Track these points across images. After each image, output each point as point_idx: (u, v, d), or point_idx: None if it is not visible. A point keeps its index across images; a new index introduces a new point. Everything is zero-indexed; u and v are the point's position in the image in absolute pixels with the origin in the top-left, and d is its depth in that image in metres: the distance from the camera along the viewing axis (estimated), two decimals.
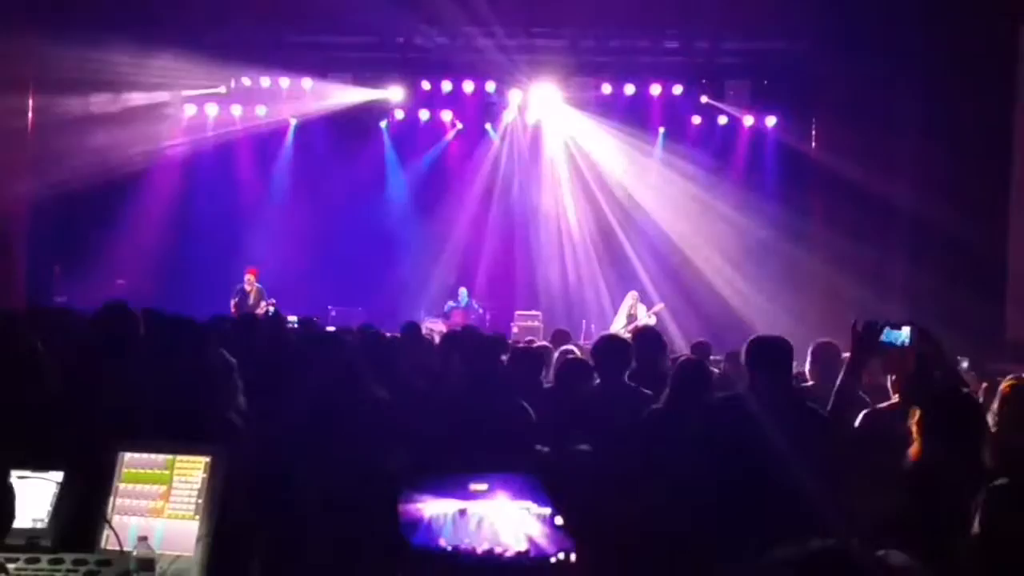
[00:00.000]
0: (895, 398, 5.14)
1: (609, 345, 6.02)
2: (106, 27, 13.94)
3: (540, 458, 4.81)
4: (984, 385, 6.33)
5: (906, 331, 4.67)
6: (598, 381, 5.82)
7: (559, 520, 3.08)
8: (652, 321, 15.08)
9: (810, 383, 6.24)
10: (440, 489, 3.06)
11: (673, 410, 5.21)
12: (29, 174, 14.58)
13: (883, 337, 4.73)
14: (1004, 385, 4.96)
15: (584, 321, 16.37)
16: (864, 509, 4.24)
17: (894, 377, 5.19)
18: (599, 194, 17.98)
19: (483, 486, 3.08)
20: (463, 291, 17.12)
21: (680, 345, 13.10)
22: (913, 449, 4.11)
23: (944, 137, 12.81)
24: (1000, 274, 12.83)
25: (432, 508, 3.02)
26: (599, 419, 5.30)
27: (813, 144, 15.68)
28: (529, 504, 3.09)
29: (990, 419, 4.65)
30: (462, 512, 3.04)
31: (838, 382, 4.79)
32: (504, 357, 6.34)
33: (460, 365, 5.79)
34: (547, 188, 18.35)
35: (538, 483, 3.15)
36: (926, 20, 12.93)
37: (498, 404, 5.20)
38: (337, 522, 4.23)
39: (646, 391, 5.75)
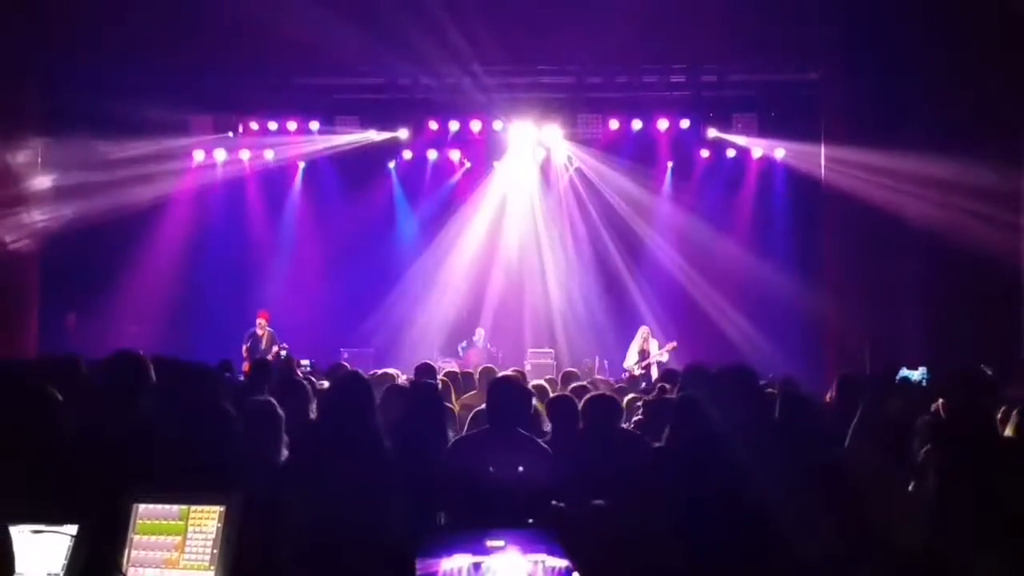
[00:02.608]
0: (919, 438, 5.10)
1: (595, 402, 5.92)
2: (114, 73, 14.04)
3: (556, 513, 4.76)
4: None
5: (922, 370, 4.65)
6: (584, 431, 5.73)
7: (576, 575, 3.04)
8: (664, 359, 15.05)
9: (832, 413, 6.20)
10: (456, 544, 3.03)
11: (675, 448, 5.16)
12: (39, 222, 14.66)
13: (900, 376, 4.72)
14: None
15: (597, 358, 16.34)
16: (887, 540, 4.20)
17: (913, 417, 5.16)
18: (609, 230, 18.00)
19: (499, 542, 3.06)
20: (480, 331, 17.16)
21: None
22: (930, 481, 4.09)
23: (955, 162, 12.78)
24: (1016, 299, 12.75)
25: (447, 564, 2.99)
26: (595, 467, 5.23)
27: (822, 174, 15.66)
28: (544, 557, 3.06)
29: None
30: (476, 566, 3.01)
31: (856, 419, 4.77)
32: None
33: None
34: (556, 225, 18.37)
35: (553, 537, 3.11)
36: (933, 46, 12.94)
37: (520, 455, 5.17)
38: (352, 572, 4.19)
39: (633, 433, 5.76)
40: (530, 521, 4.57)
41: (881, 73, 13.83)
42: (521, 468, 4.95)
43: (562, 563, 3.06)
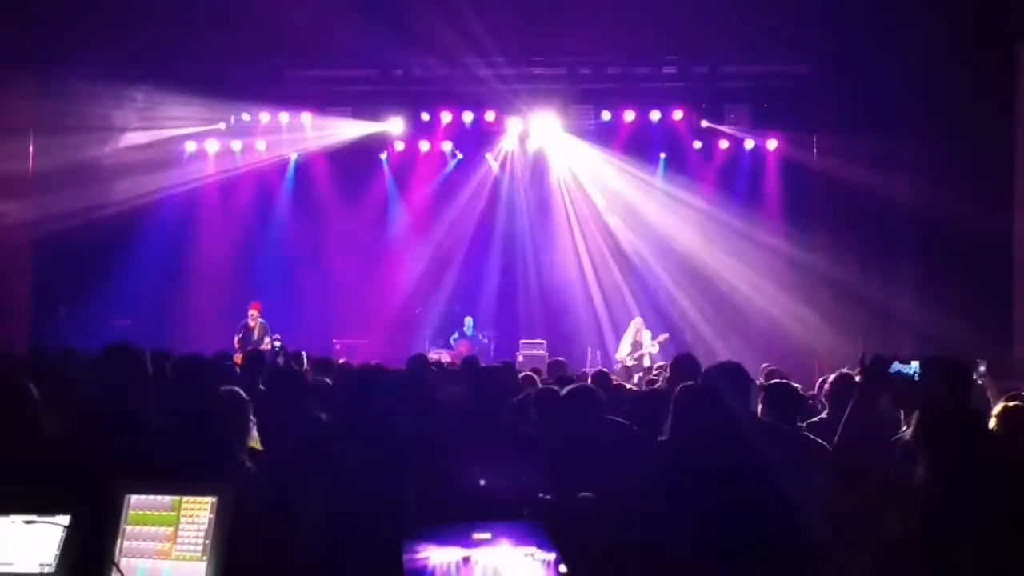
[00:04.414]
0: (908, 432, 5.11)
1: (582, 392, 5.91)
2: (105, 66, 14.02)
3: (543, 505, 4.76)
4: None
5: (915, 365, 4.63)
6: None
7: (563, 568, 3.05)
8: (655, 350, 15.10)
9: (824, 414, 6.23)
10: (443, 537, 3.03)
11: (675, 442, 5.16)
12: (31, 216, 14.63)
13: (892, 370, 4.70)
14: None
15: (589, 348, 16.36)
16: (875, 536, 4.22)
17: (904, 411, 5.17)
18: (601, 221, 18.00)
19: (487, 535, 3.06)
20: (468, 320, 17.15)
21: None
22: (918, 475, 4.10)
23: (946, 153, 12.83)
24: (1008, 291, 12.80)
25: (435, 557, 2.99)
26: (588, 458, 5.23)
27: (815, 165, 15.69)
28: (533, 550, 3.06)
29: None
30: (466, 560, 3.01)
31: (846, 414, 4.80)
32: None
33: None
34: (549, 216, 18.38)
35: (542, 529, 3.12)
36: (924, 36, 12.95)
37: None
38: (343, 566, 4.20)
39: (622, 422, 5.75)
40: (524, 512, 4.57)
41: (872, 63, 13.84)
42: (483, 482, 4.92)
43: (550, 555, 3.07)
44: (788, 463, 4.38)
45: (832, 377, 6.57)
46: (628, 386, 9.36)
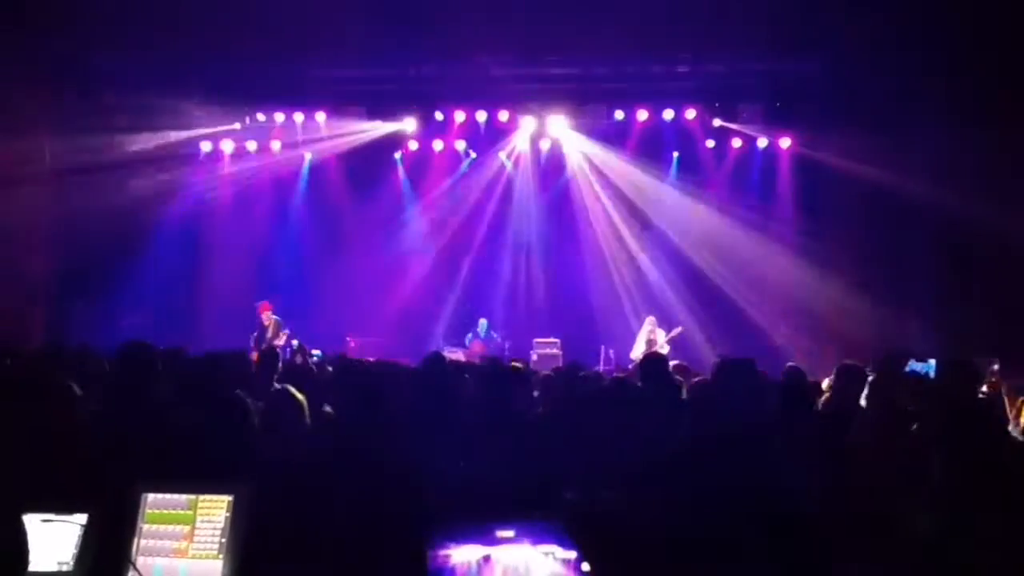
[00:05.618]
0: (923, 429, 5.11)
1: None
2: (120, 68, 14.07)
3: (566, 504, 4.76)
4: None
5: (931, 363, 4.65)
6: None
7: (586, 566, 3.05)
8: (666, 349, 15.05)
9: (826, 396, 6.22)
10: (465, 536, 3.04)
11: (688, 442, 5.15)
12: (48, 215, 14.68)
13: (908, 368, 4.71)
14: None
15: (603, 347, 16.32)
16: (889, 533, 4.22)
17: (919, 409, 5.16)
18: (615, 220, 17.97)
19: (509, 533, 3.06)
20: (483, 321, 17.14)
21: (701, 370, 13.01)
22: (933, 472, 4.10)
23: (962, 150, 12.76)
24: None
25: (457, 555, 3.00)
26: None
27: (827, 163, 15.63)
28: (554, 548, 3.06)
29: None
30: (487, 558, 3.02)
31: (861, 410, 4.80)
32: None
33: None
34: (562, 215, 18.36)
35: (563, 528, 3.12)
36: (938, 34, 12.88)
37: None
38: (360, 563, 4.20)
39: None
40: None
41: (885, 60, 13.78)
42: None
43: (571, 554, 3.08)
44: (801, 460, 4.37)
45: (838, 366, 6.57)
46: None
